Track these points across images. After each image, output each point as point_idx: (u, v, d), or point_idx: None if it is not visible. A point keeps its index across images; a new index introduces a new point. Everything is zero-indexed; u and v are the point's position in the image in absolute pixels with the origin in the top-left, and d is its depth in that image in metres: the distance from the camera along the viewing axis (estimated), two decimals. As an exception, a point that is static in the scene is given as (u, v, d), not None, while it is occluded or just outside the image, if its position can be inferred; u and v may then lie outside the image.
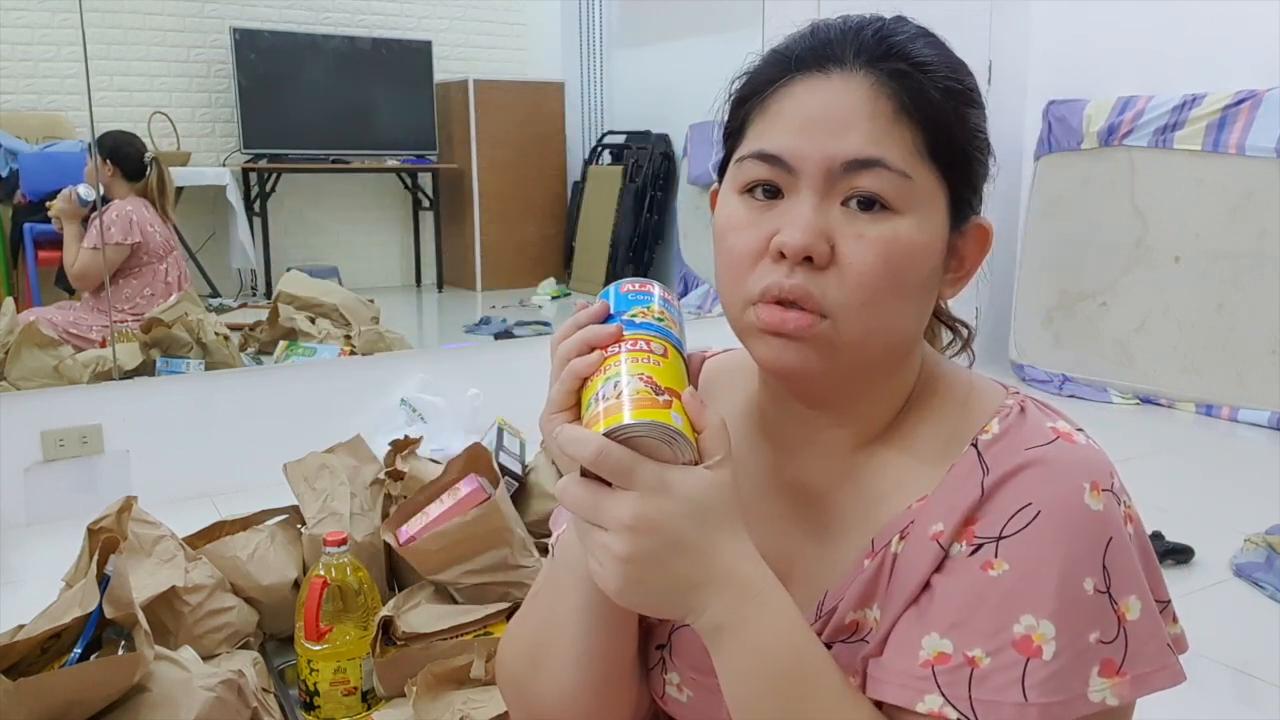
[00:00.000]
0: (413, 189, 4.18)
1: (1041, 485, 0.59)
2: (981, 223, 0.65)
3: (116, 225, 2.91)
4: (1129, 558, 0.60)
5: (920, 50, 0.63)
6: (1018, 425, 0.63)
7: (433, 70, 4.10)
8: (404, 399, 2.87)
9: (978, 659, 0.58)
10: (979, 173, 0.64)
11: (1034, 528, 0.58)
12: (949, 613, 0.59)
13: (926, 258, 0.61)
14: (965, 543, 0.60)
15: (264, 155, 3.72)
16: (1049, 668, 0.57)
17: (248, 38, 3.62)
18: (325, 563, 1.46)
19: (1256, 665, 1.70)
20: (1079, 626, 0.57)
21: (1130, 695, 0.58)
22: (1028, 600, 0.57)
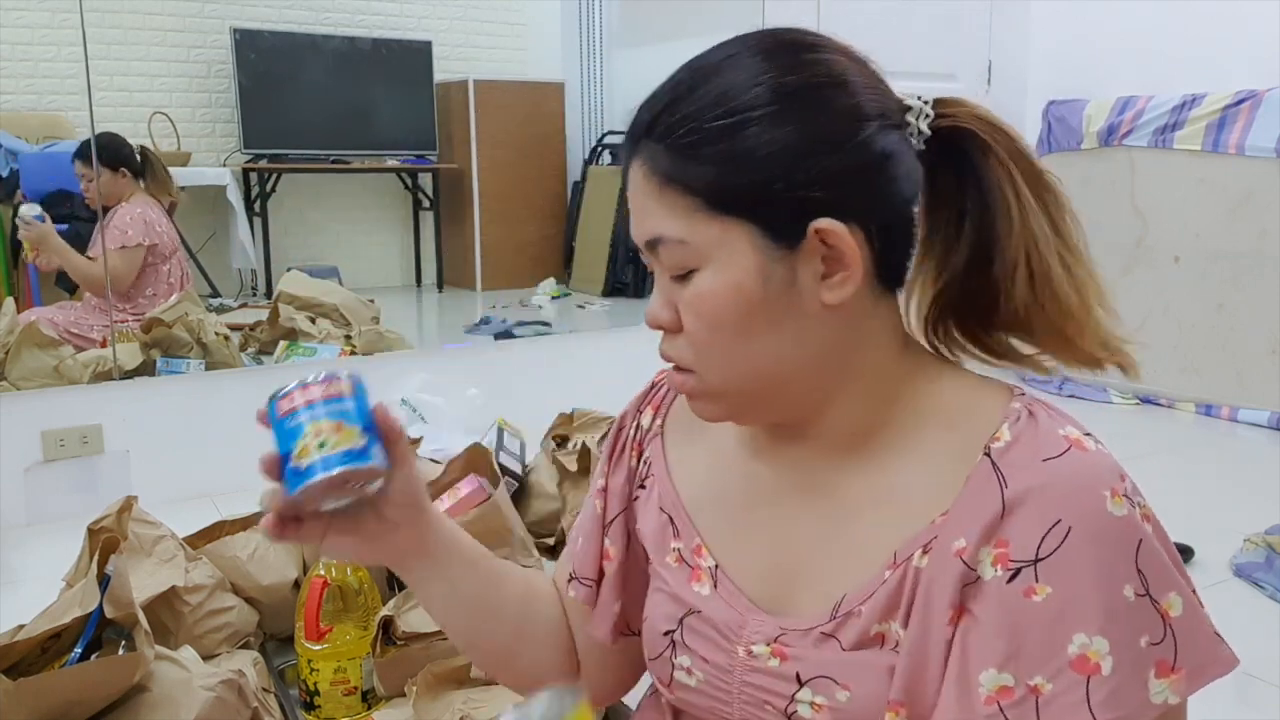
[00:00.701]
0: (413, 189, 4.18)
1: (1065, 499, 0.59)
2: (820, 225, 0.62)
3: (133, 227, 2.92)
4: (1159, 556, 0.61)
5: (683, 108, 0.64)
6: (1030, 432, 0.63)
7: (433, 70, 4.10)
8: (404, 399, 2.87)
9: (1040, 686, 0.58)
10: (787, 184, 0.62)
11: (1067, 545, 0.58)
12: (1002, 646, 0.59)
13: (739, 297, 0.63)
14: (1000, 567, 0.60)
15: (264, 155, 3.72)
16: (1110, 682, 0.57)
17: (248, 38, 3.62)
18: (325, 562, 1.46)
19: (1256, 665, 1.70)
20: (1129, 635, 0.58)
21: (1189, 689, 0.59)
22: (1076, 619, 0.58)
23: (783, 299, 0.64)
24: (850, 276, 0.64)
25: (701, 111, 0.63)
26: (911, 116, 0.66)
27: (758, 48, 0.65)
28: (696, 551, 0.74)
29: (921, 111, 0.67)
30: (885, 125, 0.64)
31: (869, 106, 0.64)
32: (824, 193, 0.62)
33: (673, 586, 0.75)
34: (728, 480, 0.75)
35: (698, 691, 0.73)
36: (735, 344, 0.65)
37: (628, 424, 0.83)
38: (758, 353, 0.65)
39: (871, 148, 0.63)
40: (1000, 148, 0.66)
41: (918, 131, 0.66)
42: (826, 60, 0.65)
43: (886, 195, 0.65)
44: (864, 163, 0.63)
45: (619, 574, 0.81)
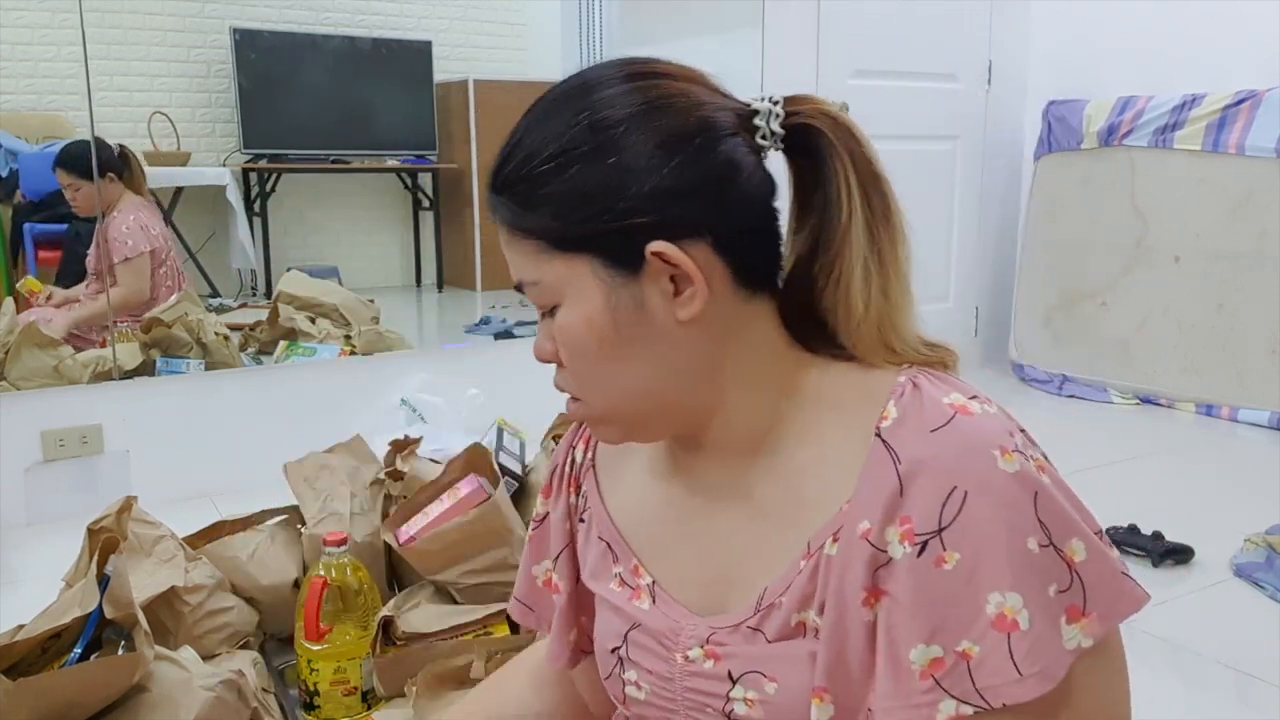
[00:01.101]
0: (413, 189, 4.18)
1: (957, 466, 0.61)
2: (655, 248, 0.65)
3: (132, 236, 2.91)
4: (1057, 505, 0.62)
5: (515, 160, 0.68)
6: (915, 405, 0.65)
7: (433, 70, 4.09)
8: (404, 399, 2.87)
9: (969, 651, 0.60)
10: (614, 214, 0.65)
11: (967, 509, 0.60)
12: (924, 620, 0.61)
13: (592, 327, 0.67)
14: (908, 544, 0.62)
15: (264, 155, 3.71)
16: (1030, 636, 0.59)
17: (248, 38, 3.62)
18: (325, 563, 1.46)
19: (1256, 665, 1.70)
20: (1039, 585, 0.60)
21: (1100, 630, 0.61)
22: (988, 579, 0.60)
23: (636, 323, 0.67)
24: (698, 291, 0.66)
25: (530, 160, 0.67)
26: (760, 120, 0.68)
27: (577, 88, 0.68)
28: (635, 572, 0.77)
29: (770, 112, 0.68)
30: (713, 138, 0.66)
31: (692, 124, 0.66)
32: (652, 216, 0.65)
33: (616, 606, 0.78)
34: (653, 499, 0.77)
35: (647, 704, 0.75)
36: (603, 370, 0.68)
37: (562, 460, 0.85)
38: (627, 375, 0.68)
39: (699, 164, 0.65)
40: (842, 147, 0.68)
41: (770, 132, 0.68)
42: (642, 88, 0.67)
43: (724, 205, 0.66)
44: (691, 180, 0.65)
45: (569, 605, 0.85)
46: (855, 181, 0.67)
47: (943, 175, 3.90)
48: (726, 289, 0.67)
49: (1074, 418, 3.39)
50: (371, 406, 2.82)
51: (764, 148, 0.68)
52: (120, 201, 2.93)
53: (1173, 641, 1.78)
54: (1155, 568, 2.10)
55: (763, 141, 0.68)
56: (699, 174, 0.65)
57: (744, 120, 0.68)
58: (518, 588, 0.89)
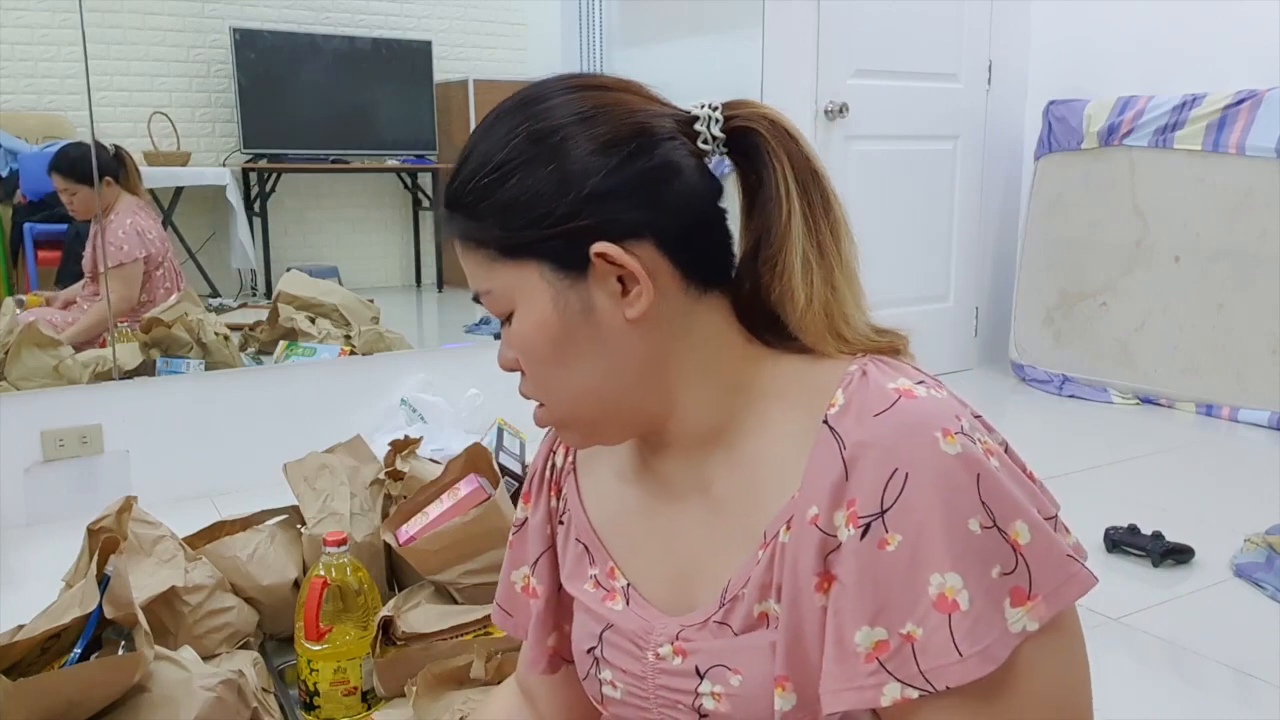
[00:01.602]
0: (413, 189, 4.18)
1: (899, 448, 0.62)
2: (598, 249, 0.66)
3: (127, 242, 2.91)
4: (1002, 487, 0.62)
5: (463, 174, 0.70)
6: (860, 391, 0.66)
7: (433, 70, 4.09)
8: (404, 399, 2.87)
9: (912, 633, 0.60)
10: (556, 219, 0.67)
11: (908, 491, 0.61)
12: (868, 602, 0.62)
13: (543, 330, 0.69)
14: (851, 526, 0.62)
15: (264, 155, 3.71)
16: (970, 617, 0.60)
17: (248, 38, 3.62)
18: (325, 563, 1.46)
19: (1256, 665, 1.70)
20: (980, 567, 0.60)
21: (1046, 613, 0.61)
22: (928, 560, 0.60)
23: (585, 323, 0.68)
24: (644, 289, 0.67)
25: (475, 173, 0.69)
26: (700, 125, 0.70)
27: (519, 102, 0.71)
28: (610, 574, 0.78)
29: (710, 118, 0.70)
30: (651, 140, 0.68)
31: (627, 129, 0.68)
32: (592, 219, 0.66)
33: (590, 607, 0.79)
34: (623, 500, 0.79)
35: (623, 704, 0.77)
36: (559, 373, 0.70)
37: (541, 465, 0.87)
38: (582, 377, 0.70)
39: (635, 166, 0.67)
40: (779, 146, 0.69)
41: (710, 137, 0.70)
42: (578, 98, 0.69)
43: (664, 205, 0.68)
44: (629, 181, 0.67)
45: (547, 610, 0.86)
46: (793, 178, 0.69)
47: (943, 175, 3.90)
48: (674, 287, 0.69)
49: (1074, 418, 3.39)
50: (371, 406, 2.83)
51: (706, 152, 0.70)
52: (118, 204, 2.93)
53: (1173, 641, 1.78)
54: (1155, 568, 2.10)
55: (704, 146, 0.70)
56: (636, 176, 0.67)
57: (683, 126, 0.70)
58: (499, 594, 0.91)
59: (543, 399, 0.73)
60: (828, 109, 3.51)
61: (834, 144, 3.56)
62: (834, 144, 3.56)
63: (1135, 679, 1.68)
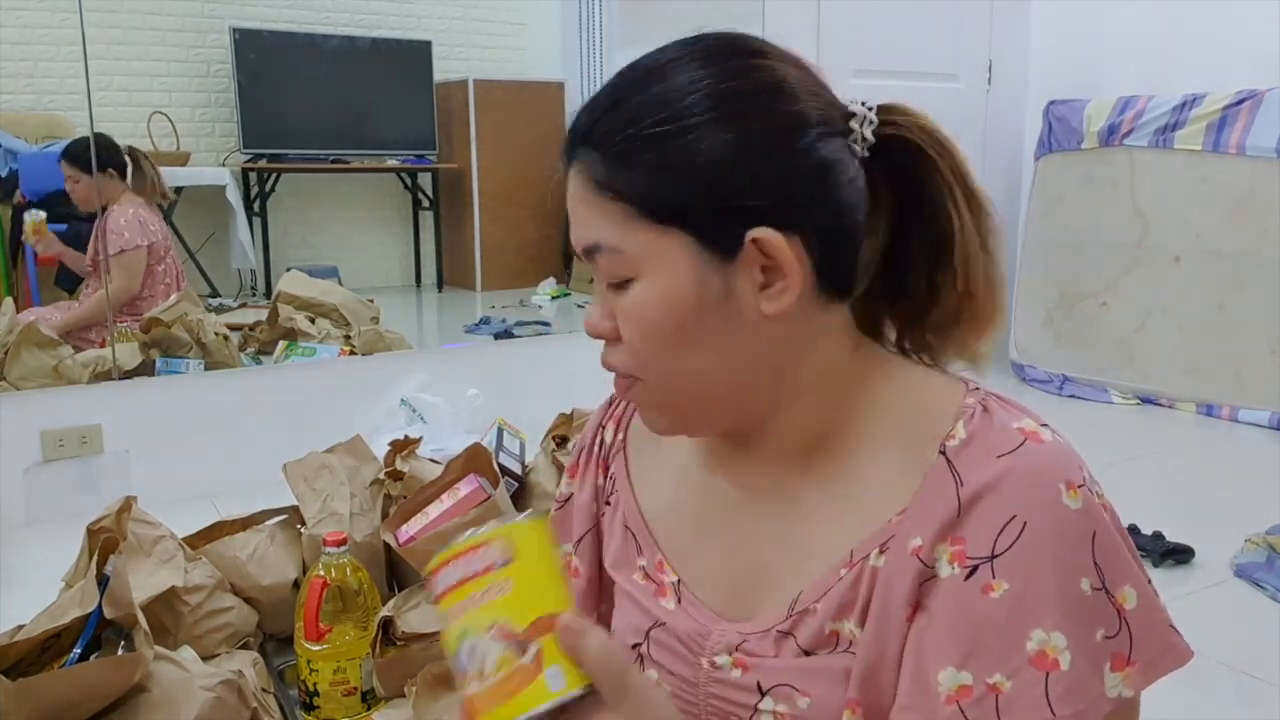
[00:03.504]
0: (413, 189, 4.18)
1: (1021, 495, 0.59)
2: (758, 235, 0.61)
3: (129, 229, 2.91)
4: (1116, 548, 0.60)
5: (619, 114, 0.63)
6: (984, 428, 0.63)
7: (433, 70, 4.10)
8: (404, 399, 2.87)
9: (999, 685, 0.57)
10: (723, 193, 0.61)
11: (1023, 540, 0.58)
12: (960, 643, 0.59)
13: (675, 307, 0.62)
14: (958, 565, 0.59)
15: (264, 155, 3.71)
16: (1068, 678, 0.57)
17: (248, 38, 3.62)
18: (325, 563, 1.46)
19: (1256, 665, 1.70)
20: (1086, 629, 0.58)
21: (1143, 683, 0.59)
22: (1034, 615, 0.57)
23: (720, 309, 0.63)
24: (789, 286, 0.62)
25: (637, 118, 0.62)
26: (855, 123, 0.65)
27: (698, 53, 0.64)
28: (659, 568, 0.74)
29: (865, 118, 0.65)
30: (826, 133, 0.63)
31: (810, 114, 0.62)
32: (761, 202, 0.61)
33: (639, 601, 0.75)
34: (686, 492, 0.74)
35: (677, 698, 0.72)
36: (674, 354, 0.64)
37: (590, 440, 0.83)
38: (697, 363, 0.64)
39: (811, 156, 0.62)
40: (944, 164, 0.65)
41: (861, 139, 0.65)
42: (768, 66, 0.63)
43: (826, 204, 0.63)
44: (803, 171, 0.62)
45: (589, 590, 0.82)
46: (962, 198, 0.65)
47: (943, 175, 3.90)
48: (809, 290, 0.64)
49: (1074, 418, 3.39)
50: (371, 406, 2.83)
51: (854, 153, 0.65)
52: (121, 198, 2.93)
53: (1173, 641, 1.78)
54: (1155, 568, 2.10)
55: (854, 146, 0.64)
56: (811, 167, 0.62)
57: (842, 121, 0.65)
58: None
59: (642, 376, 0.66)
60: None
61: (834, 144, 3.56)
62: (834, 144, 3.56)
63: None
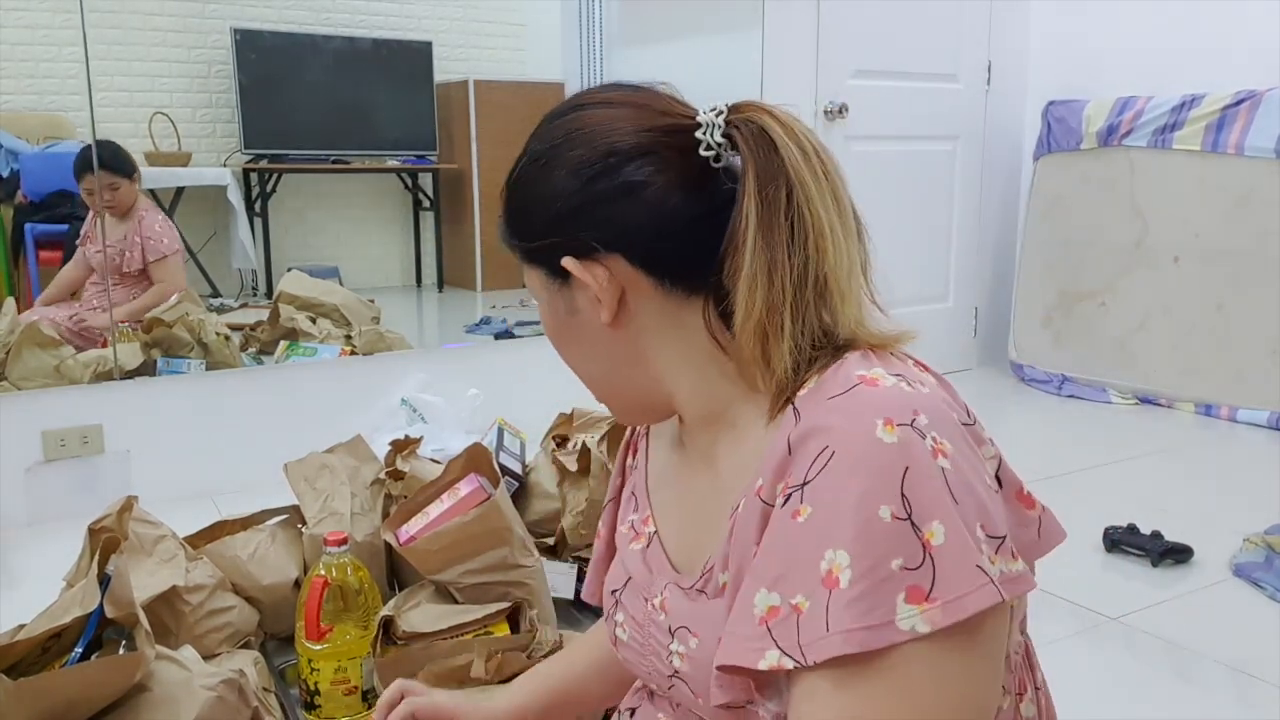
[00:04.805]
0: (413, 189, 4.18)
1: (836, 428, 0.63)
2: (564, 263, 0.73)
3: (167, 234, 2.96)
4: (933, 487, 0.60)
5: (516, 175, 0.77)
6: (831, 376, 0.67)
7: (433, 70, 4.10)
8: (404, 399, 2.87)
9: (800, 605, 0.61)
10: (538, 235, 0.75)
11: (829, 467, 0.61)
12: (773, 566, 0.63)
13: (547, 325, 0.79)
14: (782, 496, 0.64)
15: (264, 155, 3.72)
16: (847, 595, 0.59)
17: (248, 38, 3.62)
18: (326, 562, 1.46)
19: (1256, 665, 1.70)
20: (877, 553, 0.59)
21: (943, 620, 0.58)
22: (829, 536, 0.60)
23: (574, 323, 0.77)
24: (604, 301, 0.73)
25: (505, 183, 0.78)
26: (702, 133, 0.71)
27: (544, 117, 0.77)
28: (644, 521, 0.84)
29: (712, 124, 0.71)
30: (618, 161, 0.71)
31: (597, 152, 0.71)
32: (559, 237, 0.73)
33: (621, 550, 0.86)
34: (669, 464, 0.85)
35: (628, 646, 0.81)
36: (570, 360, 0.81)
37: (632, 429, 0.94)
38: (583, 366, 0.80)
39: (596, 187, 0.71)
40: (750, 151, 0.69)
41: (712, 143, 0.71)
42: (571, 118, 0.74)
43: (624, 223, 0.71)
44: (589, 203, 0.71)
45: (605, 550, 0.95)
46: (754, 187, 0.68)
47: (943, 175, 3.90)
48: (652, 293, 0.73)
49: (1074, 418, 3.39)
50: (372, 406, 2.83)
51: (709, 157, 0.71)
52: (140, 202, 2.96)
53: (1173, 641, 1.78)
54: (1155, 567, 2.10)
55: (706, 152, 0.71)
56: (597, 196, 0.71)
57: (680, 136, 0.71)
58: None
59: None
60: (827, 109, 3.52)
61: (833, 144, 3.55)
62: (833, 144, 3.55)
63: (1134, 679, 1.68)
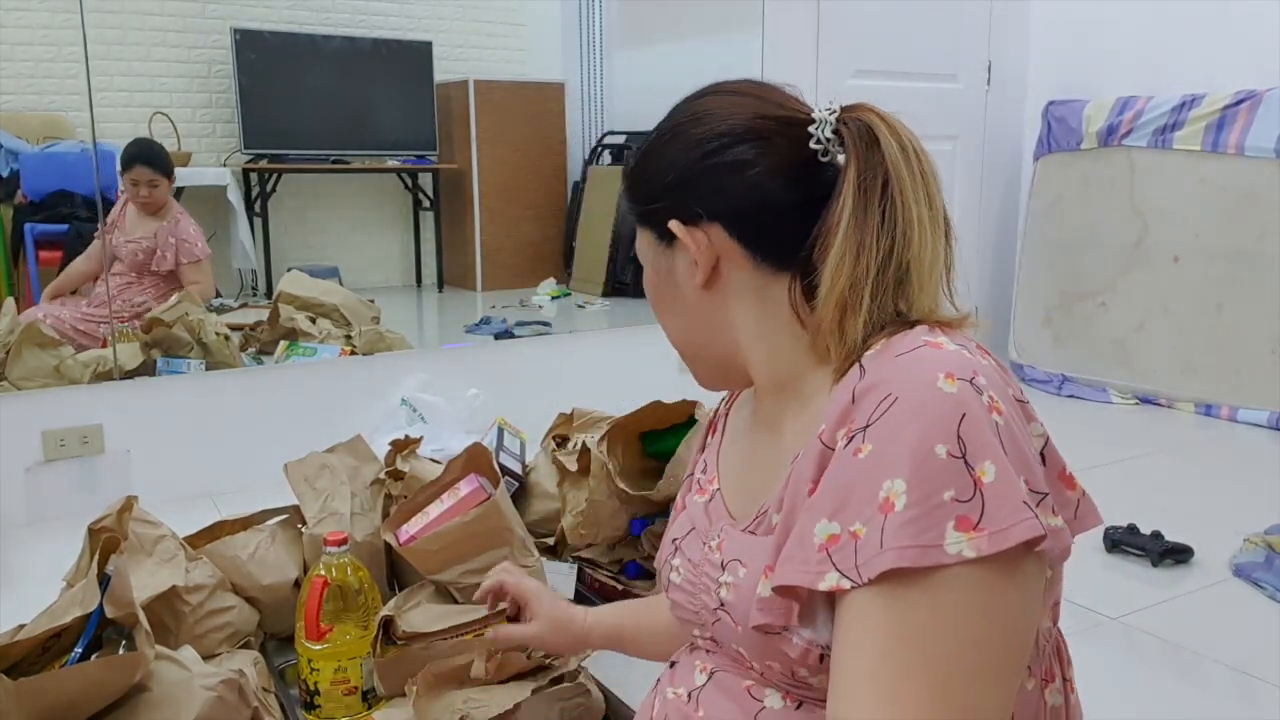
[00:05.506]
0: (413, 189, 4.18)
1: (900, 378, 0.68)
2: (671, 225, 0.82)
3: (199, 239, 2.99)
4: (986, 433, 0.65)
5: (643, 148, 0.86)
6: (899, 341, 0.72)
7: (433, 70, 4.10)
8: (404, 399, 2.87)
9: (858, 531, 0.65)
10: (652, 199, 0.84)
11: (891, 411, 0.66)
12: (833, 499, 0.68)
13: (649, 284, 0.88)
14: (844, 439, 0.69)
15: (264, 155, 3.72)
16: (901, 517, 0.63)
17: (248, 38, 3.63)
18: (326, 562, 1.46)
19: (1256, 665, 1.70)
20: (932, 484, 0.63)
21: (989, 548, 0.62)
22: (888, 468, 0.65)
23: (670, 283, 0.85)
24: (700, 263, 0.81)
25: (633, 156, 0.88)
26: (815, 128, 0.80)
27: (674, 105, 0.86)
28: (710, 480, 0.91)
29: (824, 121, 0.80)
30: (732, 140, 0.80)
31: (715, 131, 0.80)
32: (668, 202, 0.82)
33: (688, 507, 0.92)
34: (738, 433, 0.92)
35: (680, 589, 0.86)
36: (663, 319, 0.89)
37: (718, 405, 1.02)
38: (673, 325, 0.88)
39: (710, 161, 0.80)
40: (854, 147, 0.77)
41: (821, 138, 0.79)
42: (698, 104, 0.84)
43: (734, 196, 0.80)
44: (700, 174, 0.80)
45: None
46: (854, 179, 0.76)
47: (943, 175, 3.88)
48: (745, 263, 0.81)
49: (1073, 418, 3.40)
50: (372, 406, 2.83)
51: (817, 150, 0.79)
52: (172, 204, 2.99)
53: (1173, 641, 1.78)
54: (1155, 567, 2.10)
55: (815, 146, 0.79)
56: (709, 169, 0.80)
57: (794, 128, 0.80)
58: None
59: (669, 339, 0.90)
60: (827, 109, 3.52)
61: (834, 144, 3.56)
62: (834, 144, 3.56)
63: (1134, 679, 1.68)
